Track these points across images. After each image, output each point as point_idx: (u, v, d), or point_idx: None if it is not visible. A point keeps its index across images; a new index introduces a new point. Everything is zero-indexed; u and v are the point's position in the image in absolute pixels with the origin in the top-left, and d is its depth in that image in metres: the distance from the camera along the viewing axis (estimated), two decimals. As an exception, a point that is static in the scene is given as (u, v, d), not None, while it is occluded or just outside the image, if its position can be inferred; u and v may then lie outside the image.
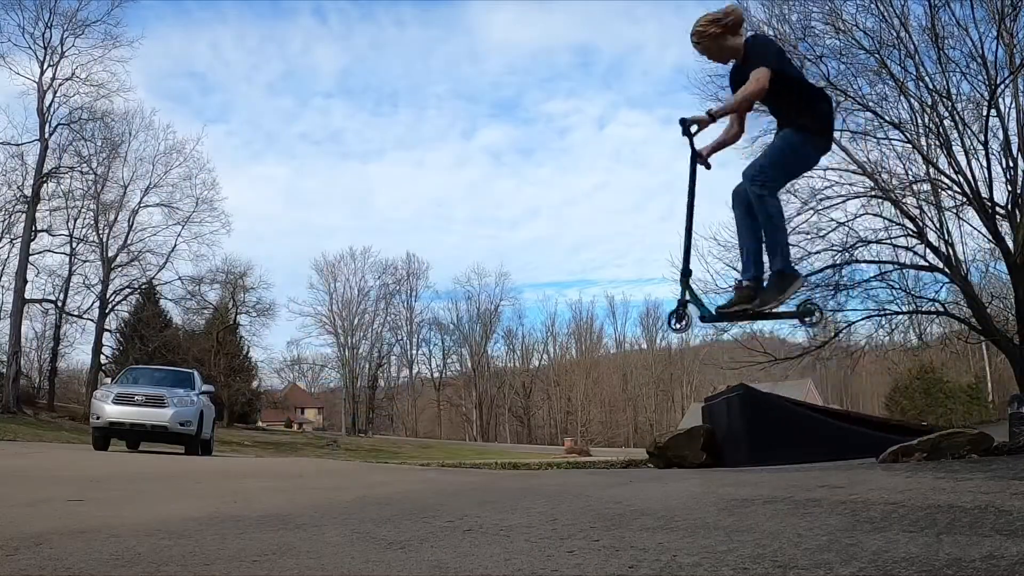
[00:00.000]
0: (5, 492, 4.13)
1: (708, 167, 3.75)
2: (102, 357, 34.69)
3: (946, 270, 13.82)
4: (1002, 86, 12.66)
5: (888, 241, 14.48)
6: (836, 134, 14.43)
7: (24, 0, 28.89)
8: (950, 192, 13.82)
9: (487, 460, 17.52)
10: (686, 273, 3.65)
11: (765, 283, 3.52)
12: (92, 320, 34.26)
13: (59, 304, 33.50)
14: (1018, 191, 12.96)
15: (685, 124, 3.50)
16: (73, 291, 33.98)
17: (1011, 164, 13.05)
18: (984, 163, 13.11)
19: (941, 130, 13.61)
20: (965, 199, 13.45)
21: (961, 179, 13.39)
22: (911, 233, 14.16)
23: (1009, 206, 13.17)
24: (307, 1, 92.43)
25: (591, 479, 6.09)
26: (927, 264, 14.19)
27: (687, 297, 3.63)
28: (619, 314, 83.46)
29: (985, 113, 12.94)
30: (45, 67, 29.57)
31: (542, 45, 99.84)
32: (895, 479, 3.97)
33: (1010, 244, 13.00)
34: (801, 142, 3.52)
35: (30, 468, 6.63)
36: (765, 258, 3.53)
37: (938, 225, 14.03)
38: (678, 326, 3.67)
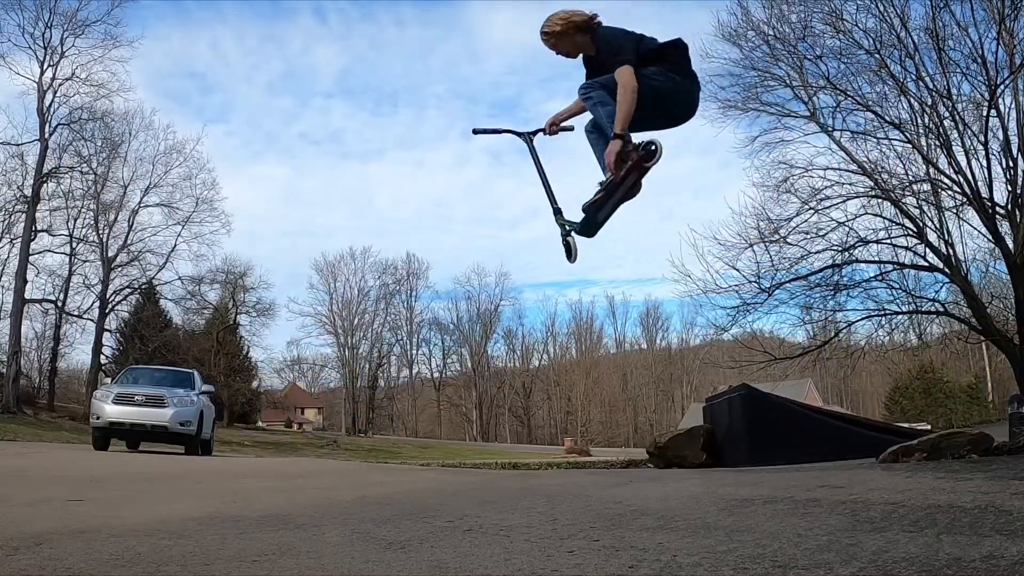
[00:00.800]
0: (5, 492, 4.13)
1: (571, 129, 4.02)
2: (102, 357, 34.69)
3: (946, 270, 13.81)
4: (1002, 86, 12.64)
5: (888, 241, 14.46)
6: (836, 133, 14.52)
7: (24, 0, 28.95)
8: (950, 192, 13.80)
9: (487, 460, 17.52)
10: (557, 211, 3.95)
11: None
12: (92, 320, 34.28)
13: (59, 304, 33.52)
14: (1018, 191, 12.95)
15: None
16: (73, 291, 34.05)
17: (1011, 164, 13.03)
18: (984, 163, 13.09)
19: (941, 130, 13.60)
20: (965, 199, 13.43)
21: (961, 179, 13.38)
22: (911, 233, 14.14)
23: (1009, 206, 13.16)
24: (307, 1, 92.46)
25: (591, 479, 6.09)
26: (927, 264, 14.17)
27: (567, 229, 3.90)
28: (619, 314, 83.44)
29: (985, 113, 12.92)
30: (45, 67, 29.62)
31: (542, 45, 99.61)
32: (895, 479, 3.97)
33: (1010, 244, 12.98)
34: (651, 72, 3.57)
35: (30, 468, 6.63)
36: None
37: (938, 225, 14.01)
38: (573, 258, 3.97)
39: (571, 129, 4.02)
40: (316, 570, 2.03)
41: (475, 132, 4.17)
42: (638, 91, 3.45)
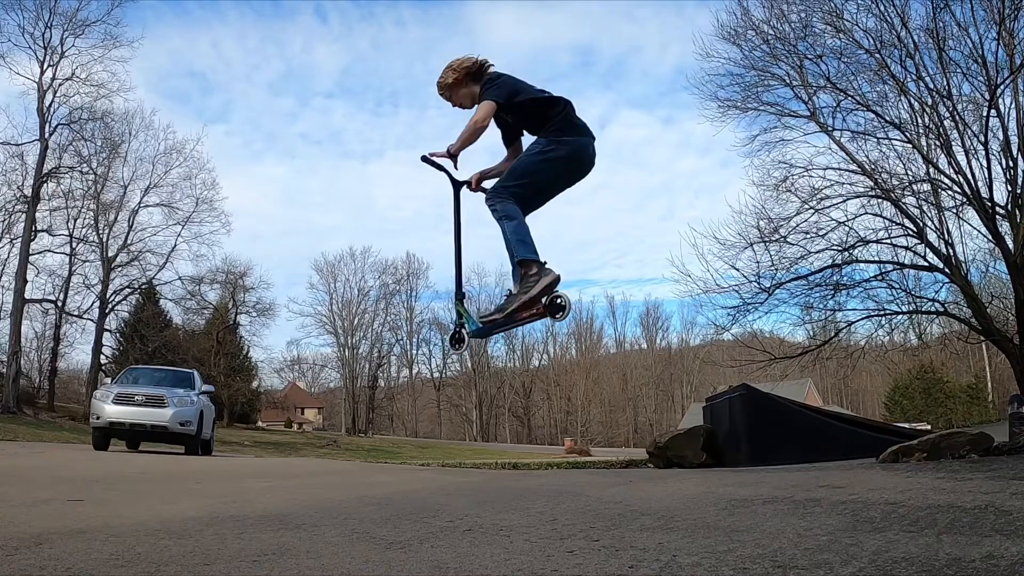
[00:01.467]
0: (5, 492, 4.12)
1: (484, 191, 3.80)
2: (102, 357, 34.66)
3: (946, 270, 13.80)
4: (1002, 87, 12.62)
5: (888, 241, 14.46)
6: (836, 133, 14.51)
7: (24, 0, 28.95)
8: (950, 192, 13.80)
9: (487, 460, 17.51)
10: (460, 296, 3.75)
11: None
12: (92, 320, 34.27)
13: (59, 304, 33.51)
14: (1018, 191, 12.94)
15: (430, 163, 3.75)
16: (73, 291, 34.05)
17: (1011, 164, 13.02)
18: (984, 163, 13.07)
19: (941, 130, 13.59)
20: (965, 199, 13.43)
21: (961, 179, 13.37)
22: (911, 233, 14.13)
23: (1009, 206, 13.15)
24: (307, 1, 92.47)
25: (591, 479, 6.09)
26: (927, 264, 14.16)
27: (461, 321, 3.72)
28: (619, 314, 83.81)
29: (985, 113, 12.90)
30: (45, 67, 29.62)
31: (542, 45, 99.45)
32: (895, 479, 3.97)
33: (1010, 244, 12.97)
34: (542, 146, 3.55)
35: (30, 468, 6.62)
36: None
37: (938, 225, 14.01)
38: (458, 348, 3.83)
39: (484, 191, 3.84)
40: (316, 570, 2.03)
41: (423, 160, 3.86)
42: (524, 159, 3.51)
